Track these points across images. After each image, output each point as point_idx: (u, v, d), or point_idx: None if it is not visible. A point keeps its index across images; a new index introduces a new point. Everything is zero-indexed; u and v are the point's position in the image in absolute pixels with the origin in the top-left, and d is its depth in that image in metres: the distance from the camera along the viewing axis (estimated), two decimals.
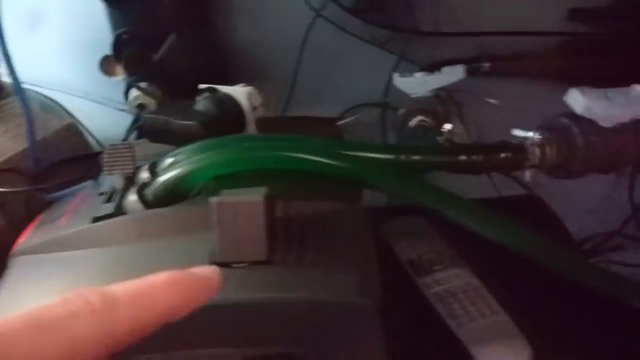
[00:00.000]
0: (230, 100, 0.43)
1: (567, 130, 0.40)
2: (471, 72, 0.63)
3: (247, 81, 0.51)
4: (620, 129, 0.41)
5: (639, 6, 0.59)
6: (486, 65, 0.63)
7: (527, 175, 0.43)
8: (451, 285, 0.47)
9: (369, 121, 0.64)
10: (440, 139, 0.46)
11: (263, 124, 0.48)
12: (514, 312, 0.45)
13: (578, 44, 0.63)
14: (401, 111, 0.50)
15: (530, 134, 0.39)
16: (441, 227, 0.54)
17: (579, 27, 0.63)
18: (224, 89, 0.44)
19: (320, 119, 0.50)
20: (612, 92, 0.41)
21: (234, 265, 0.32)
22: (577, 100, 0.39)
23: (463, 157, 0.39)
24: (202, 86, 0.45)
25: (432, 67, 0.61)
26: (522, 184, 0.63)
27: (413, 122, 0.46)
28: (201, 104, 0.43)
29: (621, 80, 0.63)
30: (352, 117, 0.58)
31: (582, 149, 0.40)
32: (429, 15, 0.59)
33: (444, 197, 0.42)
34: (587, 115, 0.39)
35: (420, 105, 0.49)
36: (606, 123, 0.40)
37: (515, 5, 0.64)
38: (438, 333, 0.44)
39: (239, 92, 0.44)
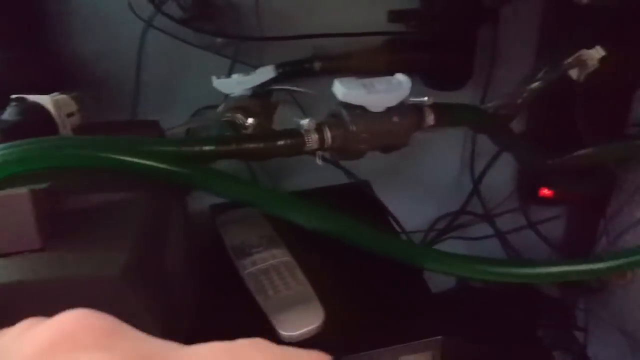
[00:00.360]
0: (37, 108, 0.46)
1: (341, 116, 0.46)
2: (305, 72, 0.69)
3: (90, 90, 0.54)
4: (389, 113, 0.47)
5: (442, 8, 0.67)
6: (318, 64, 0.68)
7: (318, 157, 0.48)
8: (265, 264, 0.51)
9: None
10: (245, 131, 0.51)
11: (83, 129, 0.50)
12: (318, 282, 0.50)
13: (397, 41, 0.70)
14: (220, 109, 0.54)
15: (305, 121, 0.44)
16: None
17: (397, 27, 0.70)
18: (33, 97, 0.47)
19: (142, 122, 0.53)
20: (377, 81, 0.47)
21: (13, 255, 0.35)
22: (338, 89, 0.45)
23: (248, 145, 0.44)
24: (13, 97, 0.47)
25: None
26: (349, 172, 0.69)
27: (225, 118, 0.51)
28: (7, 113, 0.45)
29: (430, 70, 0.71)
30: (191, 121, 0.61)
31: (354, 133, 0.45)
32: (257, 20, 0.64)
33: (250, 190, 0.46)
34: (347, 101, 0.44)
35: (237, 103, 0.54)
36: (375, 108, 0.46)
37: (342, 9, 0.70)
38: (247, 308, 0.48)
39: (46, 100, 0.46)
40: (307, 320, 0.45)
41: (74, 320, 0.17)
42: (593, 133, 0.71)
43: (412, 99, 0.51)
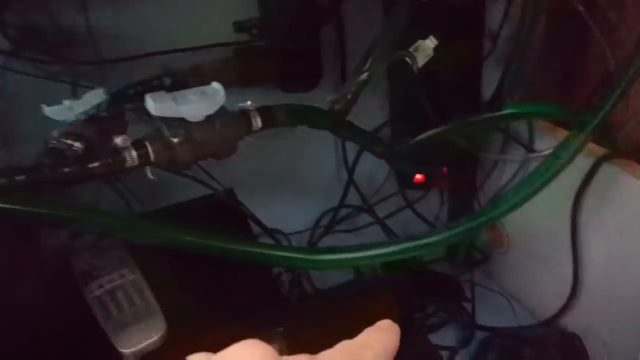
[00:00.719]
0: None
1: (160, 130, 0.47)
2: (156, 90, 0.69)
3: None
4: (210, 121, 0.48)
5: (281, 14, 0.69)
6: (168, 80, 0.69)
7: (148, 171, 0.48)
8: (112, 285, 0.51)
9: None
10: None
11: None
12: (166, 295, 0.50)
13: (246, 51, 0.71)
14: (52, 134, 0.53)
15: (119, 139, 0.45)
16: None
17: (244, 37, 0.72)
18: None
19: None
20: (190, 91, 0.48)
21: None
22: (149, 105, 0.45)
23: (64, 170, 0.43)
24: None
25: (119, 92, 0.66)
26: (206, 184, 0.69)
27: (50, 145, 0.50)
28: None
29: (281, 75, 0.73)
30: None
31: (176, 145, 0.46)
32: (92, 43, 0.64)
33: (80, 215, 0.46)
34: (161, 115, 0.45)
35: (69, 129, 0.53)
36: (193, 118, 0.47)
37: (187, 24, 0.71)
38: (89, 333, 0.48)
39: None
40: (147, 334, 0.45)
41: (252, 345, 0.21)
42: (443, 115, 0.76)
43: (240, 105, 0.53)
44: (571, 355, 0.78)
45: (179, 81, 0.69)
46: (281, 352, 0.24)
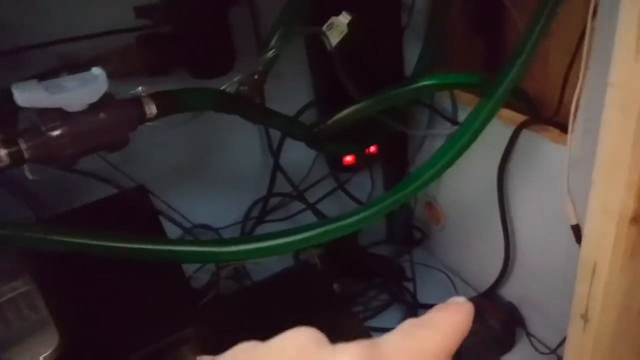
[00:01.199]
0: None
1: (34, 124, 0.42)
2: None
3: None
4: (93, 110, 0.44)
5: (183, 3, 0.65)
6: (66, 73, 0.63)
7: (27, 171, 0.44)
8: (1, 301, 0.46)
9: None
10: None
11: None
12: (63, 305, 0.46)
13: (150, 37, 0.67)
14: None
15: None
16: None
17: (145, 22, 0.67)
18: None
19: None
20: (66, 79, 0.43)
21: None
22: (16, 95, 0.41)
23: None
24: None
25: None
26: (108, 180, 0.64)
27: None
28: None
29: (190, 61, 0.69)
30: None
31: (54, 138, 0.42)
32: None
33: None
34: (31, 106, 0.41)
35: None
36: (73, 108, 0.43)
37: (82, 10, 0.65)
38: None
39: None
40: (35, 350, 0.41)
41: (305, 332, 0.20)
42: (367, 93, 0.73)
43: (131, 92, 0.49)
44: (509, 324, 0.78)
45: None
46: (193, 352, 0.22)
